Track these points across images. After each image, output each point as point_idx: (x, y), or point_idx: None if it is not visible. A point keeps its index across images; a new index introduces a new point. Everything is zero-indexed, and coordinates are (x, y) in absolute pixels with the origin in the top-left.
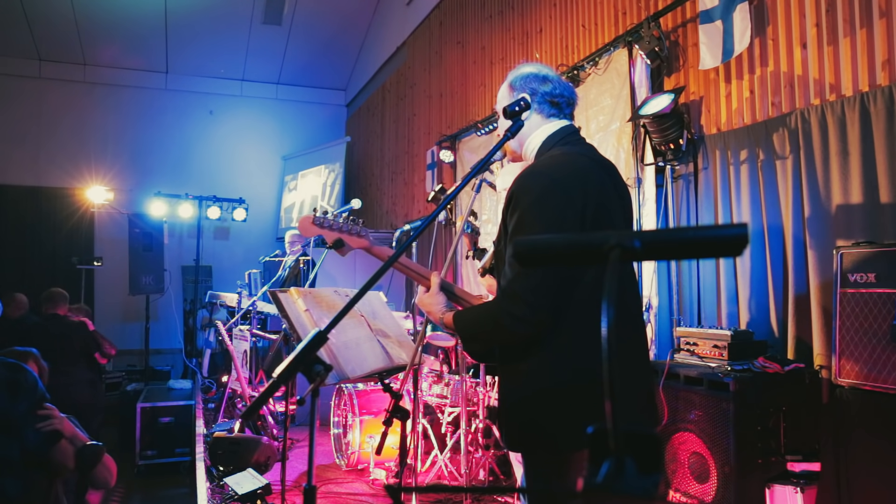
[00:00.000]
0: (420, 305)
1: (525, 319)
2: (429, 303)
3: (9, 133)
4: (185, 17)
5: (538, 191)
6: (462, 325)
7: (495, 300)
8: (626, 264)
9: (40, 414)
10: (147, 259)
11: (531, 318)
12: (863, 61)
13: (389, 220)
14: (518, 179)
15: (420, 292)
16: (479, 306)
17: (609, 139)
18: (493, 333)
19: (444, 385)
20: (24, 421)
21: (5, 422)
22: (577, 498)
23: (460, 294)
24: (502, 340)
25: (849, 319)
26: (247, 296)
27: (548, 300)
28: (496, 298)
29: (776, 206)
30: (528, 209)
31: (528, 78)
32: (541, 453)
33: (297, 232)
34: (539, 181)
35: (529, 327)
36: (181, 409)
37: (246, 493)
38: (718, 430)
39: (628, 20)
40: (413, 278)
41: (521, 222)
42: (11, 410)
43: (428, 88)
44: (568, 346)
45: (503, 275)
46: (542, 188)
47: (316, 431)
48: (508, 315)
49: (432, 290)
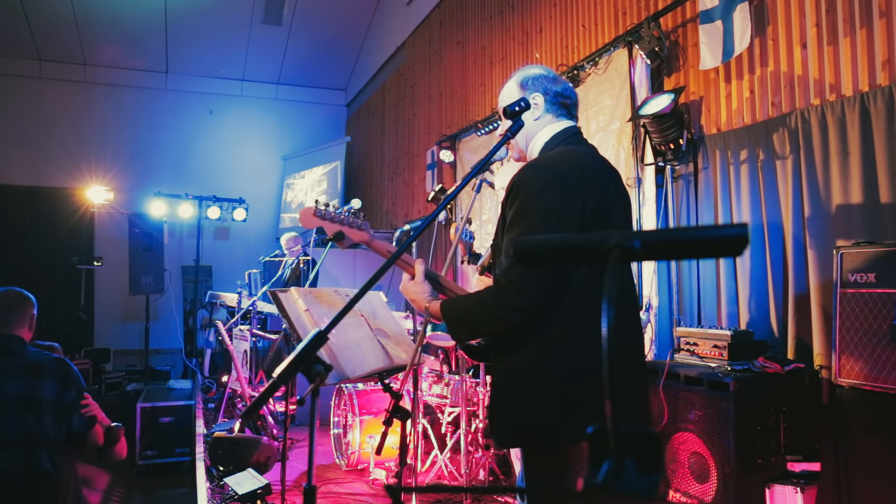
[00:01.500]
0: (404, 293)
1: (520, 309)
2: (414, 290)
3: (9, 133)
4: (185, 17)
5: (539, 183)
6: (451, 312)
7: (490, 289)
8: (625, 264)
9: (83, 402)
10: (147, 259)
11: (526, 308)
12: (863, 61)
13: (389, 220)
14: (520, 171)
15: (405, 279)
16: (470, 295)
17: (609, 139)
18: (485, 321)
19: (444, 385)
20: (71, 407)
21: (59, 408)
22: (577, 498)
23: (445, 284)
24: (493, 329)
25: (849, 319)
26: (247, 296)
27: (541, 291)
28: (491, 287)
29: (776, 206)
30: (527, 200)
31: (539, 78)
32: (539, 450)
33: (294, 234)
34: (542, 173)
35: (524, 317)
36: (181, 409)
37: (246, 493)
38: (718, 430)
39: (628, 20)
40: (398, 266)
41: (519, 213)
42: (64, 398)
43: (428, 88)
44: (563, 343)
45: (499, 264)
46: (543, 180)
47: (316, 431)
48: (503, 304)
49: (417, 277)
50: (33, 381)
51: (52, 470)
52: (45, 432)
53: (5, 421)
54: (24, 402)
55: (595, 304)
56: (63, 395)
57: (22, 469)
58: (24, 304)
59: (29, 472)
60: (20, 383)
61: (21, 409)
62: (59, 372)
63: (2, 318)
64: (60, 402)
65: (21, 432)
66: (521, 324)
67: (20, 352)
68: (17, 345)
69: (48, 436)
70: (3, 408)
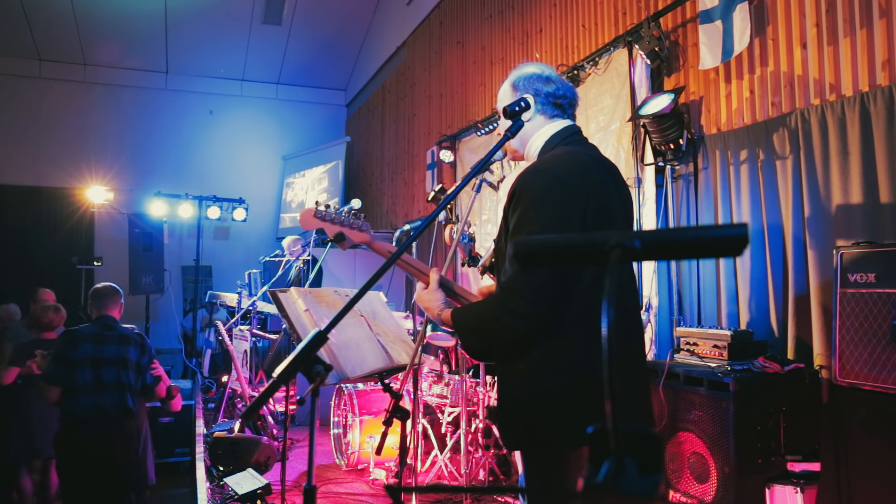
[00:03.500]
0: (419, 301)
1: (525, 316)
2: (427, 299)
3: (9, 133)
4: (185, 17)
5: (540, 188)
6: (460, 321)
7: (495, 296)
8: (626, 264)
9: (153, 366)
10: (147, 259)
11: (531, 315)
12: (863, 61)
13: (389, 220)
14: (521, 177)
15: (419, 289)
16: (478, 303)
17: (609, 139)
18: (491, 330)
19: (444, 385)
20: (146, 367)
21: (139, 366)
22: (577, 498)
23: (459, 291)
24: (501, 337)
25: (849, 319)
26: (247, 296)
27: (548, 298)
28: (496, 294)
29: (776, 206)
30: (529, 206)
31: (531, 78)
32: (540, 452)
33: (295, 237)
34: (541, 178)
35: (529, 324)
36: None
37: (246, 493)
38: (718, 430)
39: (628, 20)
40: (413, 274)
41: (522, 219)
42: (141, 360)
43: (428, 88)
44: (567, 346)
45: (503, 272)
46: (544, 186)
47: (316, 431)
48: (508, 311)
49: (431, 286)
50: (123, 347)
51: (133, 407)
52: (130, 382)
53: (107, 372)
54: (117, 361)
55: (598, 306)
56: (140, 358)
57: (115, 404)
58: (116, 294)
59: (119, 407)
60: (115, 348)
61: (115, 365)
62: (139, 342)
63: (102, 304)
64: (139, 363)
65: (115, 380)
66: (526, 331)
67: (114, 326)
68: (111, 322)
69: (131, 384)
70: (105, 364)
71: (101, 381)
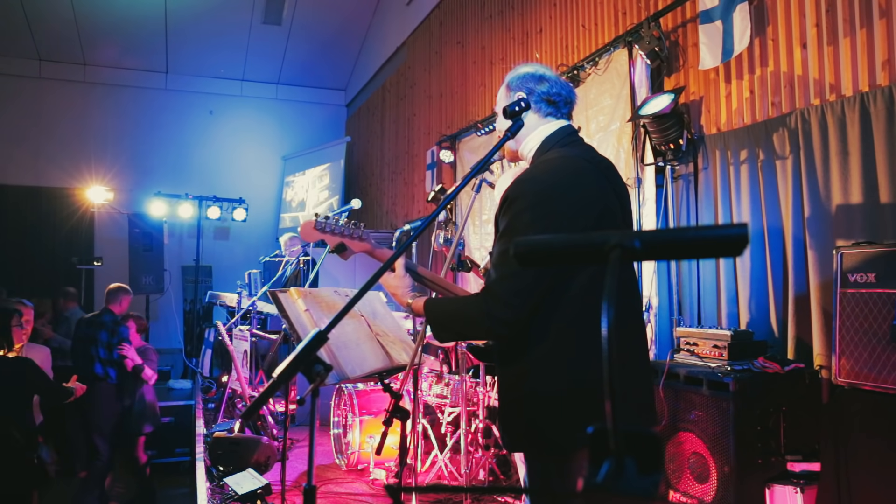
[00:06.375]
0: (384, 285)
1: (504, 322)
2: (394, 285)
3: (9, 133)
4: (185, 18)
5: (531, 198)
6: (436, 315)
7: (477, 297)
8: (627, 264)
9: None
10: (147, 259)
11: (510, 321)
12: (863, 61)
13: (389, 220)
14: (514, 184)
15: (386, 274)
16: (457, 299)
17: (609, 139)
18: (468, 329)
19: (444, 385)
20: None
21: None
22: (577, 498)
23: (430, 277)
24: (475, 337)
25: (849, 319)
26: (247, 296)
27: (529, 305)
28: (478, 295)
29: (776, 206)
30: (522, 212)
31: (524, 77)
32: (541, 454)
33: (292, 234)
34: (534, 188)
35: (507, 329)
36: (181, 409)
37: (246, 493)
38: (718, 430)
39: (628, 20)
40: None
41: (512, 224)
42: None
43: (428, 88)
44: (568, 347)
45: (488, 274)
46: (535, 195)
47: (316, 431)
48: (488, 315)
49: (397, 271)
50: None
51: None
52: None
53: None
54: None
55: (598, 307)
56: (110, 339)
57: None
58: (119, 292)
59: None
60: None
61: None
62: (112, 328)
63: (107, 301)
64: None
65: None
66: (503, 336)
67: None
68: (107, 313)
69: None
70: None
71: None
